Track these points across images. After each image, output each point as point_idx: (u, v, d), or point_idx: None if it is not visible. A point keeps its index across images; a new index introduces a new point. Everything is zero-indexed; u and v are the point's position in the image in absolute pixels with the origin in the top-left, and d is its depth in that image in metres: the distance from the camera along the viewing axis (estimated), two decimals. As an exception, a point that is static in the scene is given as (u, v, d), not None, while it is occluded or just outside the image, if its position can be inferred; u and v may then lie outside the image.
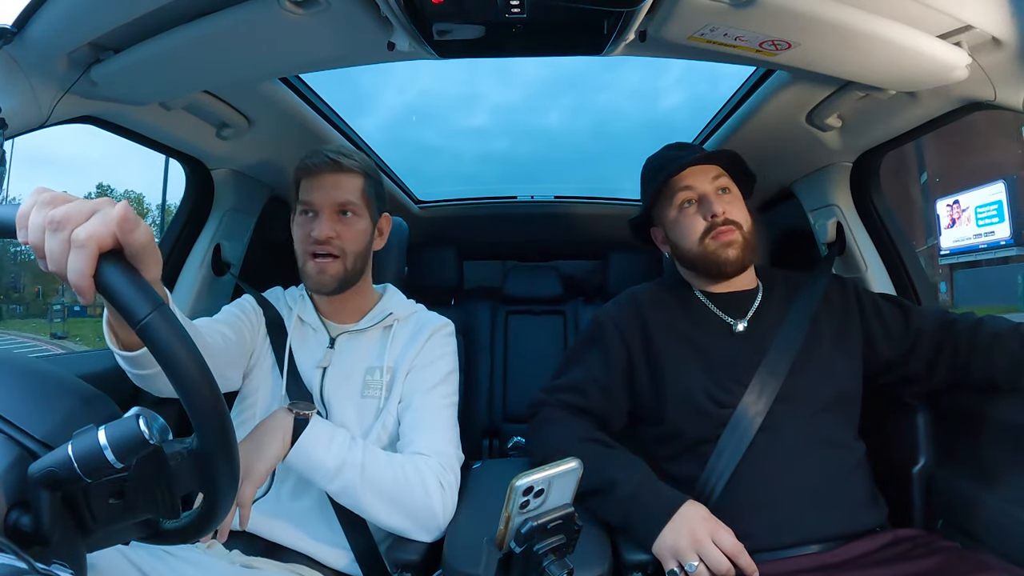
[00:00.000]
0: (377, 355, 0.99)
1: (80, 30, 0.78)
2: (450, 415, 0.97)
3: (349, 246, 0.95)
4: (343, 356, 0.98)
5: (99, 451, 0.37)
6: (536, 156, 53.34)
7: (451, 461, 0.90)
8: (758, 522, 0.83)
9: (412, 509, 0.83)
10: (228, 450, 0.42)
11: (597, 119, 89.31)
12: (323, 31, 0.80)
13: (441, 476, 0.87)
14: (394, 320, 1.01)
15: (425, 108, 71.78)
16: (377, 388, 0.96)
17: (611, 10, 0.74)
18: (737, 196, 1.00)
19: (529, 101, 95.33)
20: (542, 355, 1.98)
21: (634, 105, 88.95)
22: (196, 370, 0.40)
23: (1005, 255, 14.02)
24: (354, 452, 0.82)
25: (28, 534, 0.37)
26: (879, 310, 0.98)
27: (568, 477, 0.56)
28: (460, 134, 67.41)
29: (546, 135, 64.46)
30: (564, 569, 0.55)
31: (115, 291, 0.39)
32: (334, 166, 0.96)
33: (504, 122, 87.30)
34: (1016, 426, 0.87)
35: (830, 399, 0.91)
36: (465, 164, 40.65)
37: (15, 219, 0.41)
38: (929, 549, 0.79)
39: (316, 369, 0.97)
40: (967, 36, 0.77)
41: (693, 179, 0.98)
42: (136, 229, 0.41)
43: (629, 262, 1.83)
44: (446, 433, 0.94)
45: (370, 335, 1.01)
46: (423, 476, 0.85)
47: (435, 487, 0.85)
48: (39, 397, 0.44)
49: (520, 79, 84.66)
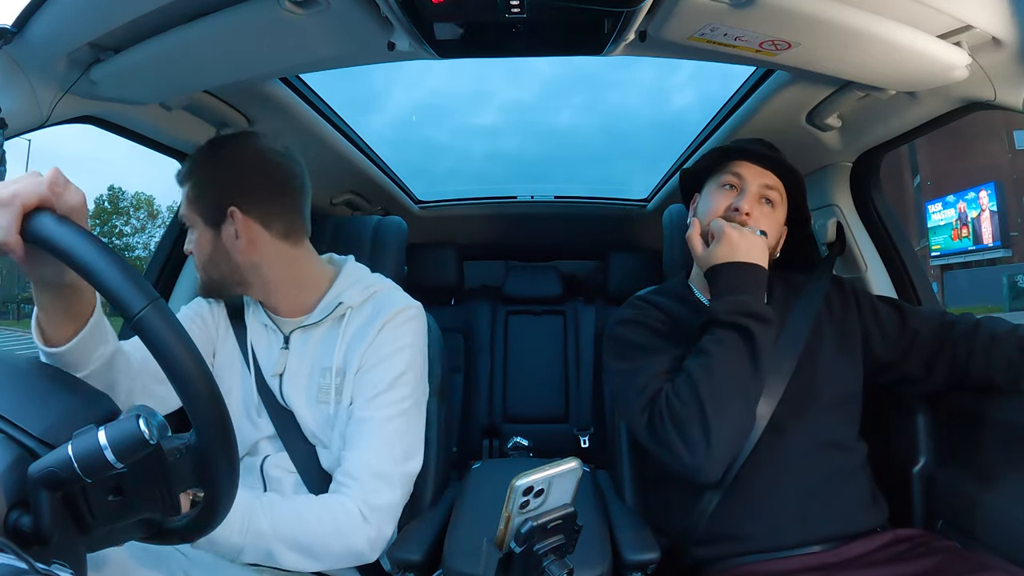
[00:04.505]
0: (326, 353, 0.89)
1: (80, 30, 0.78)
2: (398, 425, 0.85)
3: (197, 259, 0.90)
4: (297, 356, 0.91)
5: (99, 451, 0.37)
6: (546, 155, 53.65)
7: (380, 484, 0.81)
8: (761, 522, 0.83)
9: (334, 555, 0.78)
10: (227, 445, 0.43)
11: (607, 118, 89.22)
12: (323, 31, 0.80)
13: (363, 504, 0.79)
14: (346, 309, 0.90)
15: (435, 106, 71.96)
16: (327, 392, 0.87)
17: (611, 10, 0.74)
18: (775, 216, 0.96)
19: (540, 99, 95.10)
20: (542, 355, 1.99)
21: (645, 103, 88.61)
22: (193, 364, 0.41)
23: (992, 256, 14.71)
24: (257, 521, 0.73)
25: (28, 534, 0.37)
26: (876, 311, 0.98)
27: (568, 477, 0.56)
28: (469, 132, 67.70)
29: (556, 134, 64.71)
30: (564, 569, 0.55)
31: (106, 280, 0.39)
32: (180, 177, 0.90)
33: (514, 121, 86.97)
34: (1016, 426, 0.87)
35: (833, 400, 0.91)
36: (473, 163, 41.01)
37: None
38: (929, 549, 0.79)
39: (274, 377, 0.91)
40: (967, 36, 0.77)
41: (748, 172, 0.94)
42: (67, 190, 0.43)
43: (629, 262, 1.83)
44: (386, 449, 0.83)
45: (322, 328, 0.91)
46: (335, 517, 0.77)
47: (355, 524, 0.78)
48: (37, 395, 0.44)
49: (531, 77, 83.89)
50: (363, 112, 34.05)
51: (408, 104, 71.88)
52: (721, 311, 0.83)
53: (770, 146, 0.99)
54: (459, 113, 76.42)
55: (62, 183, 0.43)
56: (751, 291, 0.84)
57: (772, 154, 0.95)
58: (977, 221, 15.50)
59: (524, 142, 49.35)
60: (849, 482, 0.87)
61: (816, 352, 0.93)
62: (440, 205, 2.06)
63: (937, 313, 0.98)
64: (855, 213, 1.27)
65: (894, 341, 0.95)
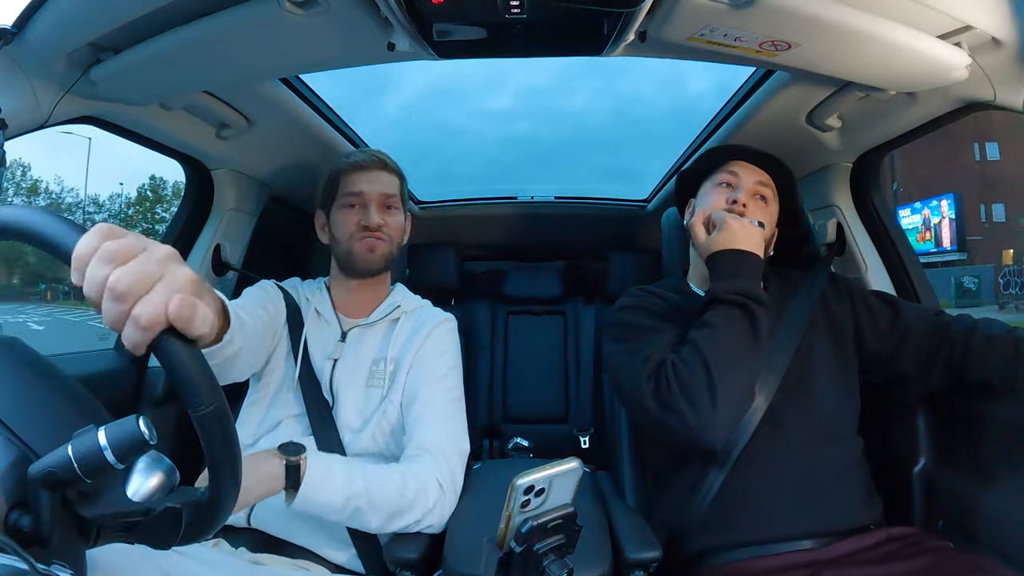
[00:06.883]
0: (383, 346, 1.03)
1: (80, 31, 0.78)
2: (455, 409, 0.98)
3: (394, 234, 1.07)
4: (353, 349, 1.02)
5: (99, 451, 0.37)
6: (559, 141, 53.31)
7: (451, 457, 0.92)
8: (754, 515, 0.84)
9: (412, 518, 0.85)
10: (233, 471, 0.43)
11: (622, 103, 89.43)
12: (323, 31, 0.80)
13: (440, 476, 0.88)
14: (401, 313, 1.06)
15: (449, 89, 71.89)
16: (381, 378, 0.99)
17: (611, 10, 0.74)
18: (769, 211, 1.00)
19: (554, 82, 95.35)
20: (542, 355, 1.99)
21: (660, 89, 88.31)
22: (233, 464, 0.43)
23: (949, 259, 16.83)
24: (355, 482, 0.81)
25: (28, 534, 0.37)
26: (869, 305, 1.00)
27: (568, 477, 0.56)
28: (483, 116, 67.06)
29: (570, 117, 64.15)
30: (564, 569, 0.55)
31: (174, 372, 0.39)
32: (381, 164, 1.07)
33: (528, 105, 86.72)
34: (1016, 427, 0.87)
35: (829, 394, 0.92)
36: (487, 146, 40.56)
37: (72, 253, 0.38)
38: (920, 548, 0.79)
39: (327, 360, 1.01)
40: (967, 36, 0.77)
41: (742, 170, 1.00)
42: (194, 318, 0.39)
43: (629, 262, 1.83)
44: (450, 428, 0.95)
45: (378, 328, 1.05)
46: (423, 483, 0.86)
47: (435, 492, 0.86)
48: (36, 396, 0.44)
49: (547, 60, 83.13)
50: (377, 95, 33.31)
51: (423, 87, 71.76)
52: (722, 291, 0.87)
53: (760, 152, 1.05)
54: (474, 96, 76.36)
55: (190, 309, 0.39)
56: (749, 277, 0.88)
57: (765, 153, 1.01)
58: (938, 227, 17.73)
59: (537, 126, 49.14)
60: (844, 477, 0.88)
61: (812, 346, 0.95)
62: (440, 205, 2.06)
63: (932, 311, 0.99)
64: (855, 213, 1.27)
65: (886, 334, 0.97)
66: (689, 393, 0.80)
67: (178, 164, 1.25)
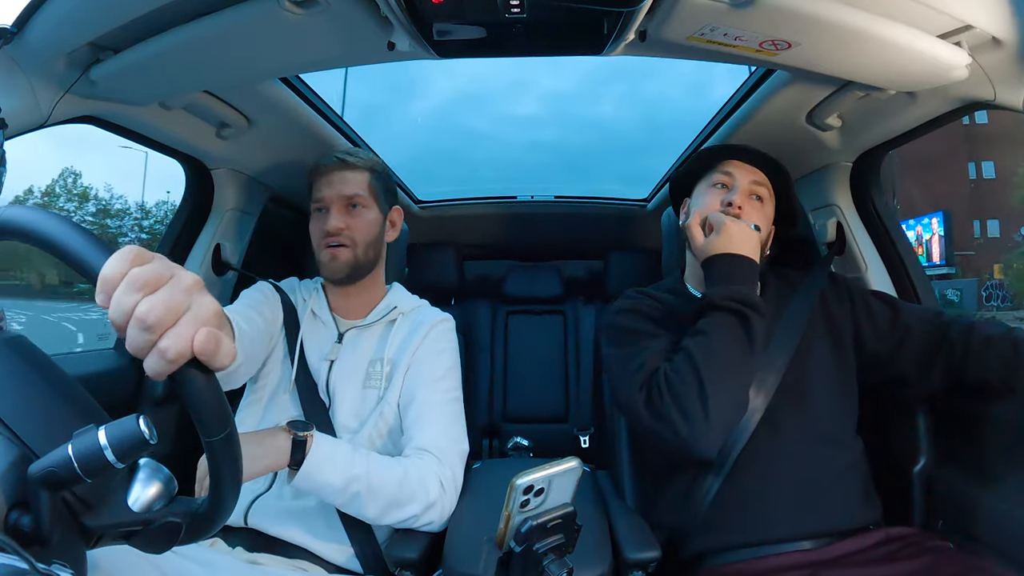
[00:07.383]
0: (379, 347, 1.02)
1: (80, 30, 0.78)
2: (453, 409, 0.98)
3: (359, 236, 1.03)
4: (349, 350, 1.02)
5: (99, 451, 0.37)
6: (584, 148, 53.49)
7: (452, 457, 0.92)
8: (753, 515, 0.84)
9: (413, 510, 0.85)
10: (234, 486, 0.44)
11: (648, 109, 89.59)
12: (323, 31, 0.79)
13: (441, 474, 0.88)
14: (398, 314, 1.05)
15: (474, 94, 71.99)
16: (378, 379, 0.99)
17: (611, 10, 0.74)
18: (765, 211, 1.00)
19: (579, 88, 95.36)
20: (542, 355, 1.99)
21: (686, 94, 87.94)
22: (234, 479, 0.43)
23: (938, 273, 17.48)
24: (357, 465, 0.82)
25: (28, 534, 0.37)
26: (868, 305, 0.99)
27: (568, 476, 0.56)
28: (508, 121, 67.50)
29: (595, 124, 64.29)
30: (564, 569, 0.55)
31: (193, 402, 0.39)
32: (341, 164, 1.04)
33: (553, 111, 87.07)
34: (1016, 427, 0.87)
35: (828, 395, 0.92)
36: (513, 150, 40.76)
37: (99, 272, 0.38)
38: (919, 549, 0.79)
39: (324, 361, 1.01)
40: (967, 36, 0.77)
41: (737, 170, 0.99)
42: (218, 351, 0.39)
43: (629, 262, 1.83)
44: (448, 428, 0.95)
45: (375, 329, 1.05)
46: (424, 478, 0.86)
47: (435, 488, 0.87)
48: (36, 397, 0.44)
49: (571, 65, 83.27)
50: (404, 99, 32.98)
51: (448, 92, 71.69)
52: (717, 297, 0.86)
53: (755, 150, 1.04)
54: (499, 102, 76.25)
55: (214, 344, 0.39)
56: (745, 282, 0.88)
57: (760, 152, 1.00)
58: (929, 243, 18.60)
59: (563, 133, 49.08)
60: (843, 478, 0.87)
61: (811, 347, 0.94)
62: (440, 205, 2.06)
63: (932, 312, 0.98)
64: (855, 213, 1.26)
65: (885, 335, 0.96)
66: (681, 403, 0.80)
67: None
